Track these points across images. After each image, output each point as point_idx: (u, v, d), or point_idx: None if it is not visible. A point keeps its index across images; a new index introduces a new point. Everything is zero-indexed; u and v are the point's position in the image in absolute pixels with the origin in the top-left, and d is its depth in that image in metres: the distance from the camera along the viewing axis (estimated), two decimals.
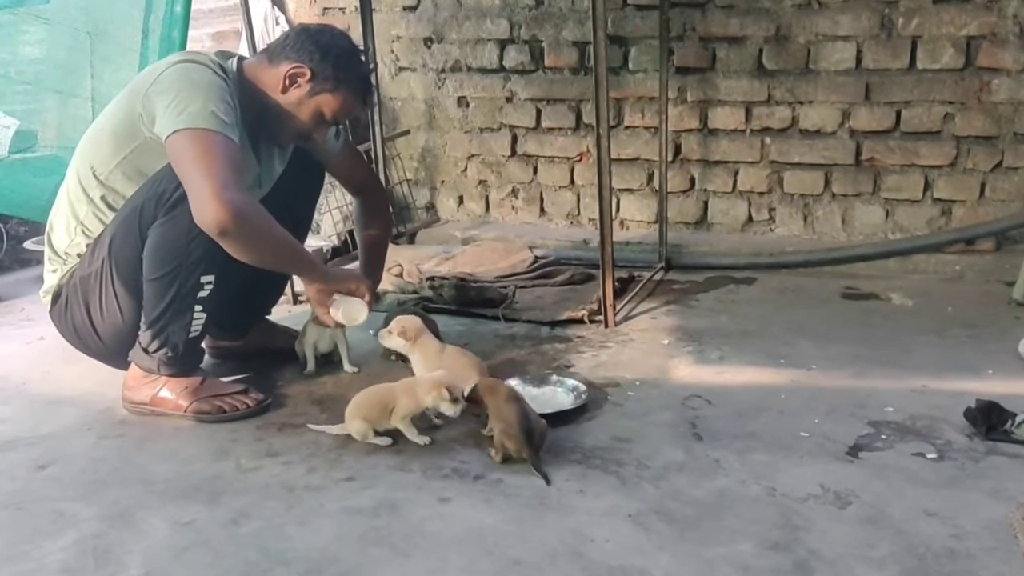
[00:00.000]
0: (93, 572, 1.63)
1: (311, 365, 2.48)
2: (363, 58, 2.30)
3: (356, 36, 3.21)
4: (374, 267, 2.62)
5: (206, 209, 1.93)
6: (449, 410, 2.02)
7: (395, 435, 2.07)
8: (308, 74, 2.18)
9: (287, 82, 2.19)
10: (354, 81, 2.23)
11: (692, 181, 3.72)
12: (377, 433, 2.06)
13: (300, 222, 2.62)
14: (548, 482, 1.87)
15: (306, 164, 2.48)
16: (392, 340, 2.32)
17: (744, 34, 3.49)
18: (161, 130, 2.02)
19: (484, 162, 4.04)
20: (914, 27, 3.28)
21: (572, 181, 3.91)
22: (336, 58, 2.19)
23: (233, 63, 2.22)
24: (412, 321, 2.30)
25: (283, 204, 2.42)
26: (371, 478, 1.92)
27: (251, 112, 2.20)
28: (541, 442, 1.97)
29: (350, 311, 2.25)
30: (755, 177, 3.63)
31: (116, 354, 2.30)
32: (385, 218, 2.72)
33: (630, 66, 3.67)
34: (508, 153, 3.98)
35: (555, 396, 2.29)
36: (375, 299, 2.31)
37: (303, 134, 2.28)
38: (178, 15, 3.00)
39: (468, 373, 2.20)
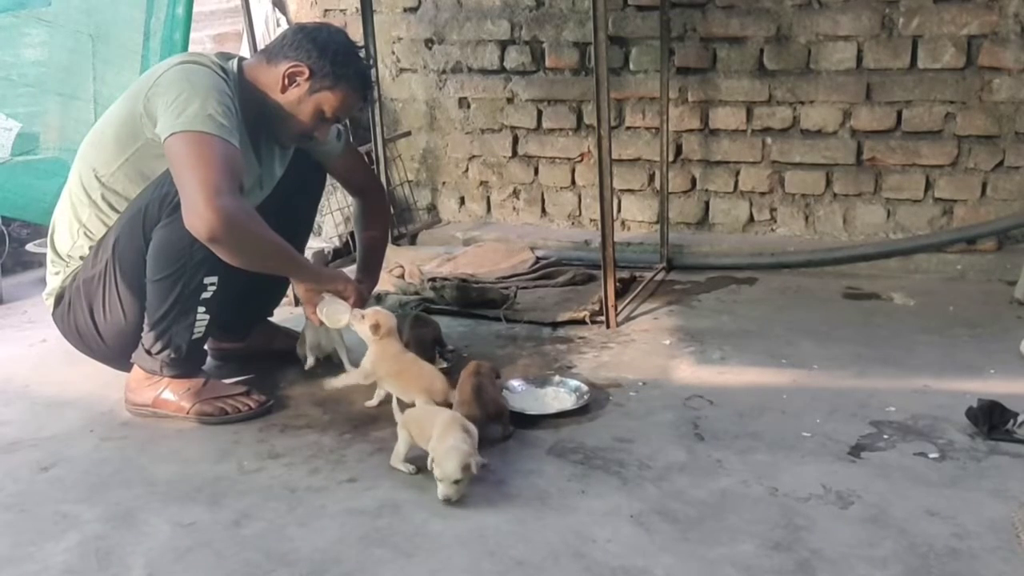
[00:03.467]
0: (96, 573, 1.63)
1: (311, 360, 2.47)
2: (361, 54, 2.30)
3: (357, 37, 3.22)
4: (372, 267, 2.62)
5: (197, 216, 1.94)
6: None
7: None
8: (307, 72, 2.18)
9: (286, 81, 2.19)
10: (353, 77, 2.23)
11: (693, 181, 3.72)
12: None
13: (302, 224, 2.62)
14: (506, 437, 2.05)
15: (307, 166, 2.48)
16: (361, 326, 2.25)
17: (745, 34, 3.49)
18: (160, 131, 2.03)
19: (485, 163, 4.04)
20: (915, 27, 3.28)
21: (573, 182, 3.91)
22: (334, 55, 2.19)
23: (234, 64, 2.22)
24: (387, 318, 2.27)
25: (285, 206, 2.42)
26: (373, 479, 1.92)
27: (252, 113, 2.20)
28: (495, 413, 2.08)
29: (333, 313, 2.25)
30: (756, 177, 3.63)
31: (119, 356, 2.30)
32: (384, 219, 2.73)
33: (631, 66, 3.67)
34: (509, 154, 3.98)
35: (557, 396, 2.29)
36: (361, 301, 2.29)
37: (304, 133, 2.28)
38: (180, 17, 3.01)
39: (415, 384, 2.17)
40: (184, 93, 2.03)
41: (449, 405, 2.10)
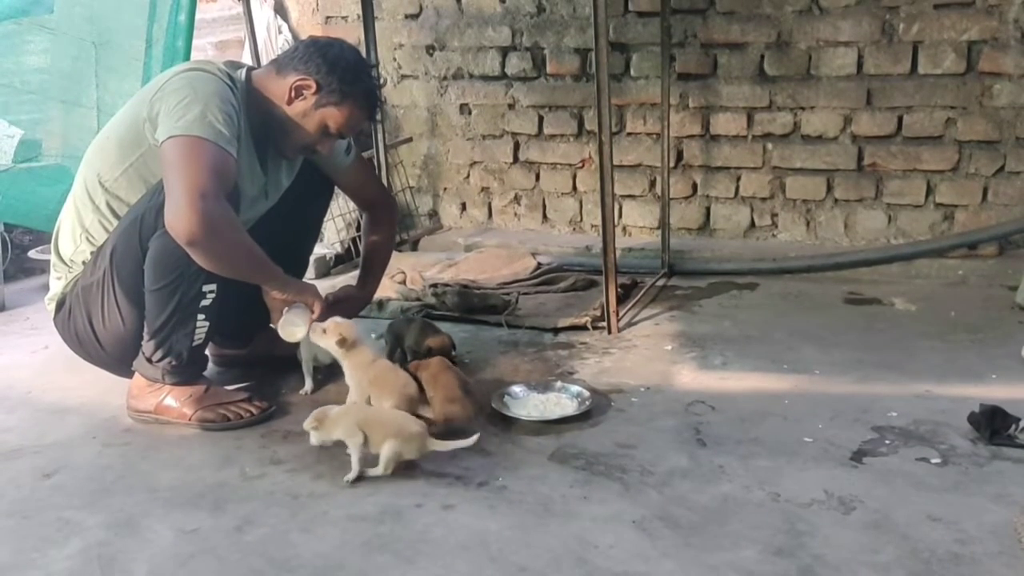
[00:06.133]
0: None
1: (308, 384, 2.44)
2: (371, 72, 2.29)
3: (358, 43, 3.23)
4: (373, 276, 2.61)
5: (179, 218, 1.94)
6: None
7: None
8: (314, 86, 2.18)
9: (293, 94, 2.19)
10: (360, 95, 2.22)
11: (694, 187, 3.73)
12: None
13: (308, 233, 2.63)
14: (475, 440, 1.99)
15: (315, 176, 2.48)
16: (325, 340, 2.23)
17: (745, 40, 3.50)
18: (159, 136, 2.04)
19: (487, 169, 4.05)
20: (915, 32, 3.29)
21: (574, 188, 3.92)
22: (343, 71, 2.18)
23: (242, 73, 2.23)
24: (350, 329, 2.24)
25: (292, 215, 2.43)
26: (375, 485, 1.92)
27: (258, 122, 2.21)
28: (480, 404, 2.15)
29: (288, 327, 2.24)
30: (757, 183, 3.63)
31: (119, 362, 2.30)
32: (390, 229, 2.71)
33: (632, 73, 3.68)
34: (510, 160, 3.99)
35: (559, 402, 2.28)
36: (325, 317, 2.25)
37: (308, 146, 2.28)
38: (182, 24, 3.01)
39: (388, 389, 2.17)
40: (186, 99, 2.04)
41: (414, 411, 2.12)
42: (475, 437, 1.94)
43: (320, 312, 2.24)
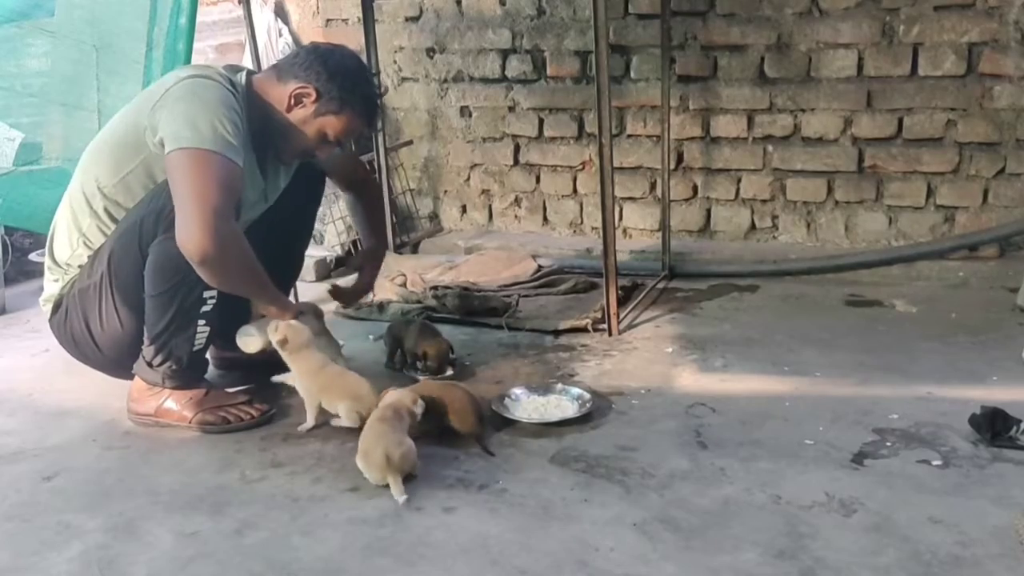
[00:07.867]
0: None
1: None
2: (371, 81, 2.29)
3: (358, 47, 3.22)
4: (379, 227, 2.77)
5: (191, 237, 1.94)
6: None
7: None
8: (314, 94, 2.17)
9: (292, 101, 2.18)
10: (359, 103, 2.22)
11: (695, 189, 3.73)
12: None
13: (303, 230, 2.63)
14: (492, 455, 2.03)
15: (308, 176, 2.48)
16: (274, 338, 2.18)
17: (745, 42, 3.50)
18: (166, 145, 2.02)
19: (487, 171, 4.05)
20: (915, 34, 3.29)
21: (575, 190, 3.92)
22: (343, 79, 2.18)
23: (242, 77, 2.22)
24: (298, 333, 2.18)
25: (287, 213, 2.43)
26: (375, 488, 1.91)
27: (257, 126, 2.20)
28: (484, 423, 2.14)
29: (243, 336, 2.23)
30: (758, 185, 3.63)
31: (115, 364, 2.30)
32: (377, 192, 2.86)
33: (632, 75, 3.68)
34: (511, 162, 3.98)
35: (559, 405, 2.28)
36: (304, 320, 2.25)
37: (306, 152, 2.28)
38: (183, 28, 3.01)
39: (338, 393, 2.15)
40: (192, 108, 2.02)
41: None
42: (404, 499, 1.84)
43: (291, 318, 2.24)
